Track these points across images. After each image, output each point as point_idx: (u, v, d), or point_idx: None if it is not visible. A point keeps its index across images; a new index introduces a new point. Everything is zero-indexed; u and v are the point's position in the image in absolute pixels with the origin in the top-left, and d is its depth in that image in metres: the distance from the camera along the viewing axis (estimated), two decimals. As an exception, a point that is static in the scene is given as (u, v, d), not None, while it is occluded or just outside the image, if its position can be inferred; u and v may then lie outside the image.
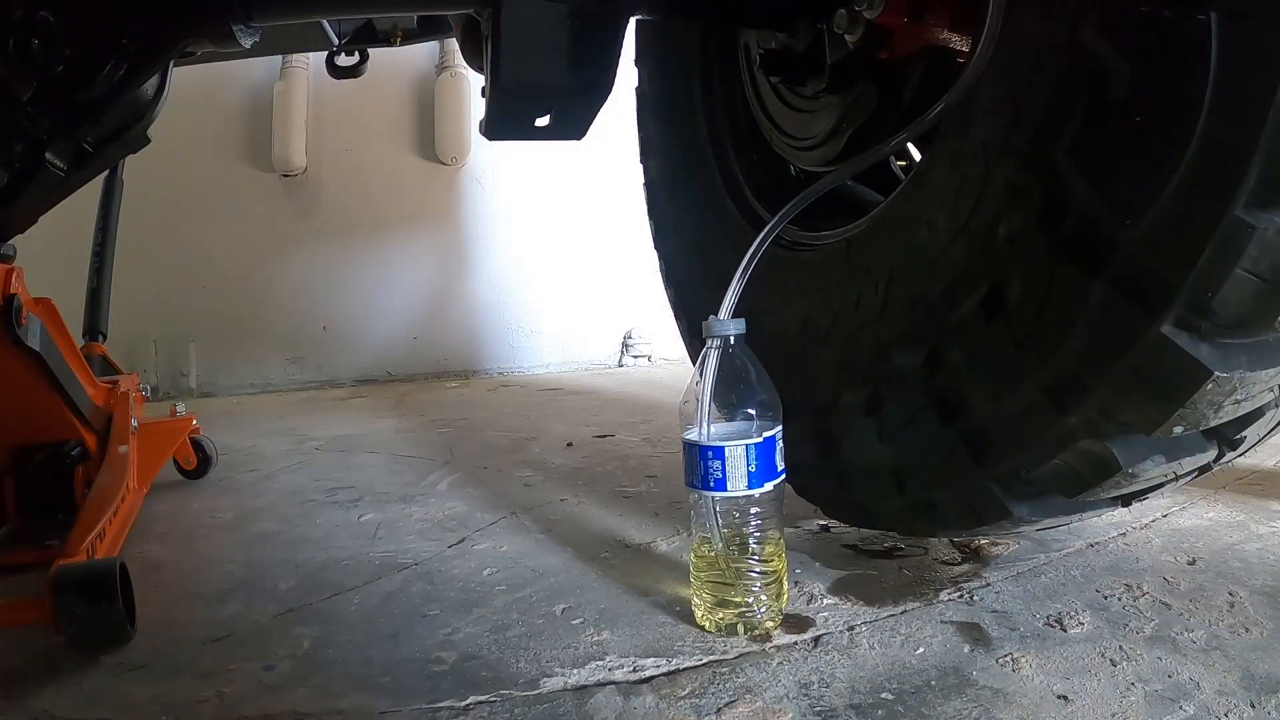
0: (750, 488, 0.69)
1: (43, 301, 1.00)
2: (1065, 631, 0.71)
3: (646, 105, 1.33)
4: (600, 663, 0.69)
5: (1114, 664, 0.65)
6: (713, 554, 0.72)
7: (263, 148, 2.58)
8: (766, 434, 0.70)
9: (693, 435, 0.70)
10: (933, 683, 0.64)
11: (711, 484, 0.69)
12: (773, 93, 1.04)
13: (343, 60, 1.45)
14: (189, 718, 0.63)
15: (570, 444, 1.55)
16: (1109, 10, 0.58)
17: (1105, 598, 0.76)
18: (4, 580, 0.93)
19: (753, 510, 0.72)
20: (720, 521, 0.71)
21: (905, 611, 0.76)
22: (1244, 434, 0.66)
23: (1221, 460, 0.68)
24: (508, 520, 1.10)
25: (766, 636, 0.72)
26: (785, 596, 0.75)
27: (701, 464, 0.70)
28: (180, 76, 1.07)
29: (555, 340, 2.80)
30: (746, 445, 0.68)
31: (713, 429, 0.70)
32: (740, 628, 0.72)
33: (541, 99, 0.92)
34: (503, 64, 0.86)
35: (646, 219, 1.33)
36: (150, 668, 0.71)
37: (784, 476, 0.72)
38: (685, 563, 0.90)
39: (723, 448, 0.69)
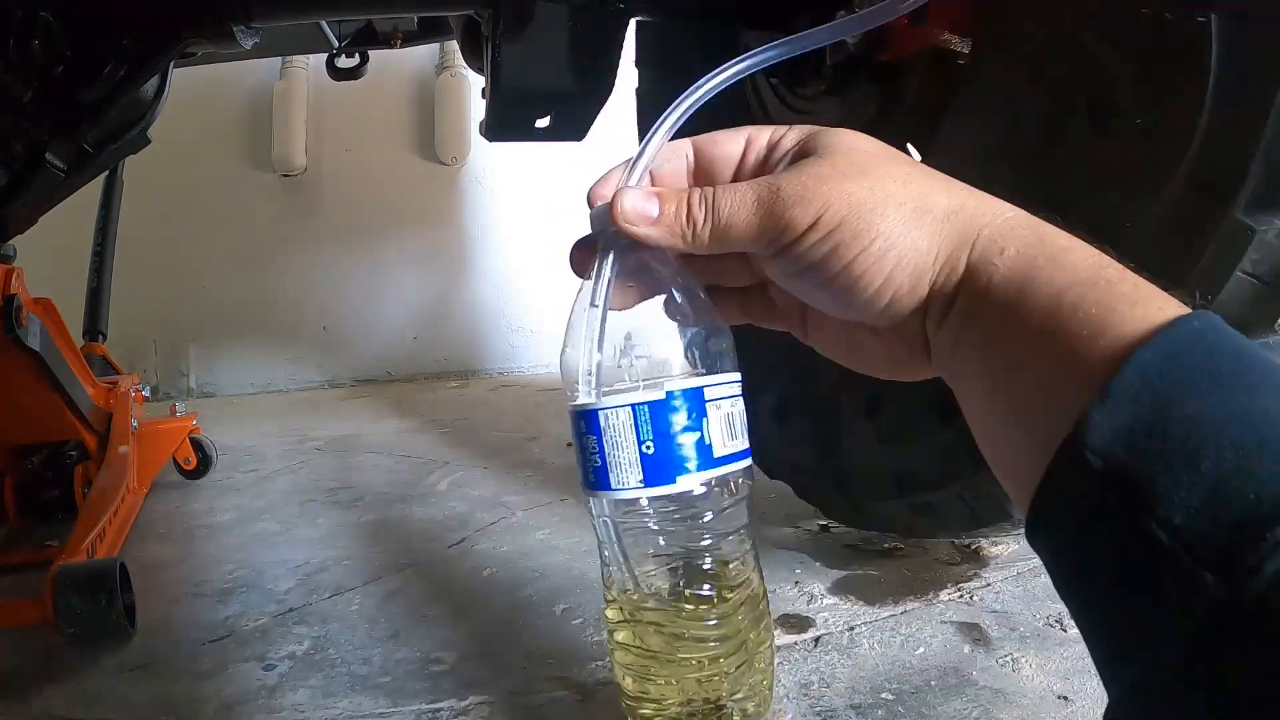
0: (647, 484, 0.37)
1: (43, 301, 1.00)
2: (1065, 631, 0.71)
3: (647, 106, 1.33)
4: (601, 663, 0.69)
5: (1113, 665, 0.65)
6: (618, 599, 0.43)
7: (263, 148, 2.58)
8: (676, 386, 0.37)
9: (579, 398, 0.37)
10: (933, 683, 0.64)
11: (591, 478, 0.38)
12: (773, 94, 1.04)
13: (343, 62, 1.45)
14: (189, 718, 0.63)
15: (570, 444, 1.55)
16: (1110, 12, 0.58)
17: (1105, 598, 0.76)
18: (4, 580, 0.93)
19: (671, 524, 0.40)
20: (618, 544, 0.40)
21: (905, 611, 0.76)
22: (1243, 435, 0.66)
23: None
24: (508, 520, 1.10)
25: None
26: (769, 695, 0.46)
27: (577, 442, 0.39)
28: (180, 77, 1.07)
29: (555, 340, 2.78)
30: (634, 406, 0.36)
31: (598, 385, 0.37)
32: None
33: (542, 100, 0.93)
34: (503, 65, 0.86)
35: (646, 219, 1.33)
36: (150, 668, 0.71)
37: (729, 466, 0.38)
38: (685, 563, 0.90)
39: (596, 412, 0.37)
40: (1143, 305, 0.26)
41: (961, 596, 0.79)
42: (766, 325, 0.41)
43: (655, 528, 0.41)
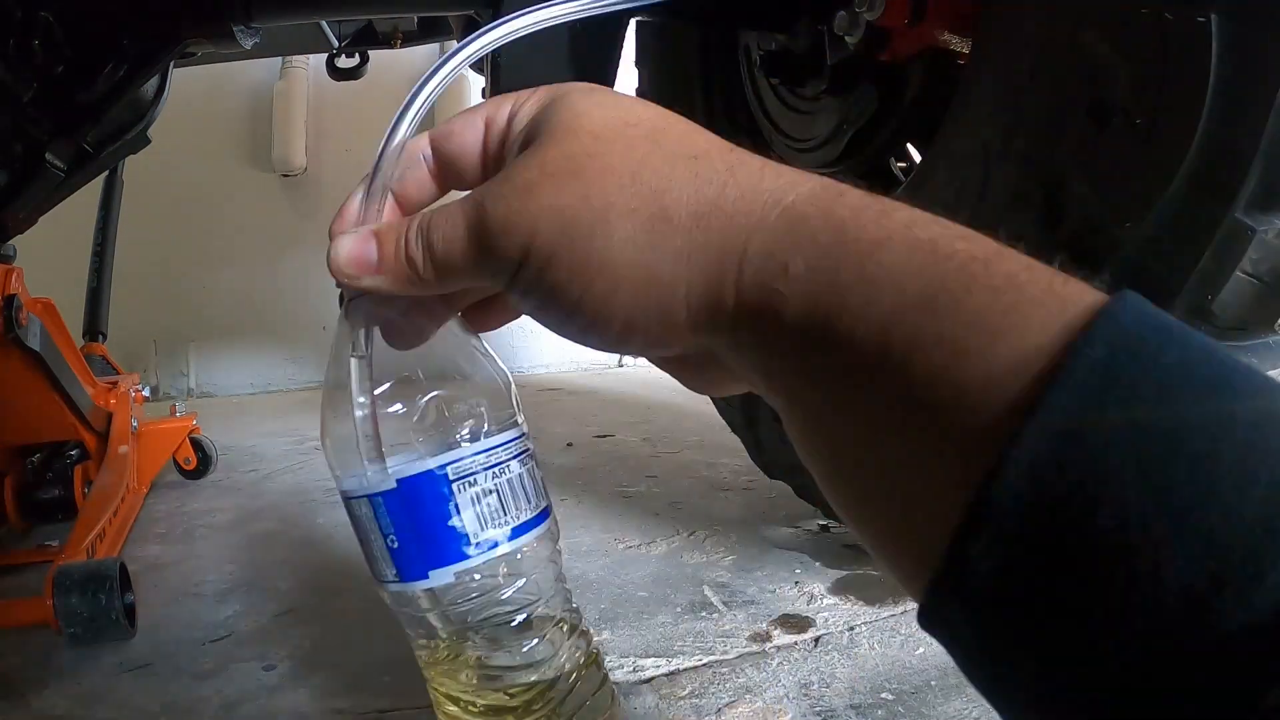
0: (404, 579, 0.34)
1: (43, 301, 1.00)
2: (1065, 632, 0.71)
3: (646, 106, 1.33)
4: (600, 663, 0.69)
5: (1113, 665, 0.65)
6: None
7: (263, 148, 2.58)
8: (407, 472, 0.32)
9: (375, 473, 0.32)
10: (933, 683, 0.64)
11: (366, 563, 0.36)
12: (773, 94, 1.04)
13: (343, 62, 1.45)
14: (189, 718, 0.63)
15: (570, 444, 1.55)
16: (1110, 12, 0.58)
17: (1105, 599, 0.76)
18: (4, 580, 0.93)
19: (460, 607, 0.35)
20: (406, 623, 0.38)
21: (905, 611, 0.76)
22: (1243, 435, 0.66)
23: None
24: (508, 521, 1.10)
25: (766, 636, 0.72)
26: None
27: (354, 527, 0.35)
28: (180, 77, 1.07)
29: (555, 340, 2.78)
30: (370, 497, 0.32)
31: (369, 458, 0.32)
32: None
33: (542, 100, 0.92)
34: (503, 65, 0.86)
35: (646, 219, 1.33)
36: (150, 668, 0.71)
37: (496, 551, 0.33)
38: (685, 563, 0.90)
39: (345, 499, 0.34)
40: (1013, 334, 0.18)
41: (961, 596, 0.79)
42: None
43: (443, 614, 0.36)
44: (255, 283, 2.62)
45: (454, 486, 0.32)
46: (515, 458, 0.34)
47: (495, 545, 0.33)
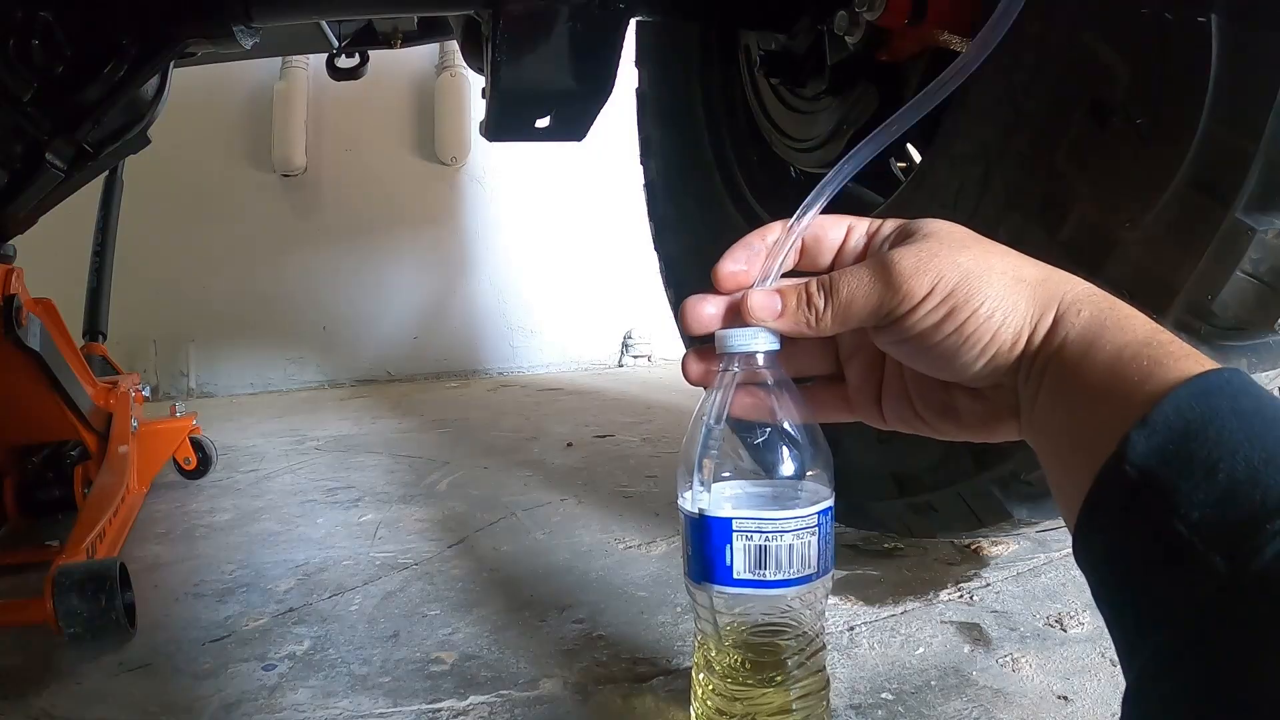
0: (691, 578, 0.45)
1: (43, 301, 1.00)
2: (1065, 631, 0.71)
3: (647, 106, 1.33)
4: (600, 663, 0.69)
5: (1114, 664, 0.65)
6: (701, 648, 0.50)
7: (263, 148, 2.58)
8: (709, 512, 0.43)
9: (689, 499, 0.44)
10: (933, 683, 0.64)
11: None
12: (773, 94, 1.04)
13: (343, 62, 1.45)
14: (189, 718, 0.63)
15: (570, 444, 1.55)
16: (1110, 12, 0.58)
17: (1105, 598, 0.76)
18: (4, 580, 0.93)
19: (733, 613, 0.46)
20: (699, 613, 0.48)
21: (905, 611, 0.76)
22: (1243, 435, 0.66)
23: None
24: (508, 520, 1.10)
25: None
26: None
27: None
28: (180, 77, 1.07)
29: (555, 340, 2.80)
30: (685, 514, 0.44)
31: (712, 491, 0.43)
32: None
33: (542, 100, 0.93)
34: (503, 65, 0.86)
35: (646, 220, 1.33)
36: (150, 668, 0.71)
37: (750, 590, 0.43)
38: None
39: (680, 511, 0.45)
40: (1185, 361, 0.31)
41: (961, 596, 0.79)
42: (837, 419, 0.46)
43: (715, 615, 0.46)
44: (255, 283, 2.62)
45: (734, 535, 0.42)
46: (794, 531, 0.43)
47: (751, 585, 0.43)
